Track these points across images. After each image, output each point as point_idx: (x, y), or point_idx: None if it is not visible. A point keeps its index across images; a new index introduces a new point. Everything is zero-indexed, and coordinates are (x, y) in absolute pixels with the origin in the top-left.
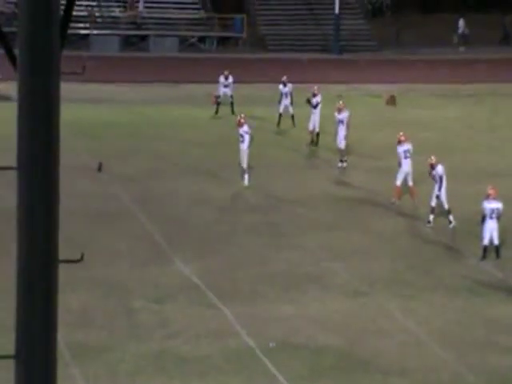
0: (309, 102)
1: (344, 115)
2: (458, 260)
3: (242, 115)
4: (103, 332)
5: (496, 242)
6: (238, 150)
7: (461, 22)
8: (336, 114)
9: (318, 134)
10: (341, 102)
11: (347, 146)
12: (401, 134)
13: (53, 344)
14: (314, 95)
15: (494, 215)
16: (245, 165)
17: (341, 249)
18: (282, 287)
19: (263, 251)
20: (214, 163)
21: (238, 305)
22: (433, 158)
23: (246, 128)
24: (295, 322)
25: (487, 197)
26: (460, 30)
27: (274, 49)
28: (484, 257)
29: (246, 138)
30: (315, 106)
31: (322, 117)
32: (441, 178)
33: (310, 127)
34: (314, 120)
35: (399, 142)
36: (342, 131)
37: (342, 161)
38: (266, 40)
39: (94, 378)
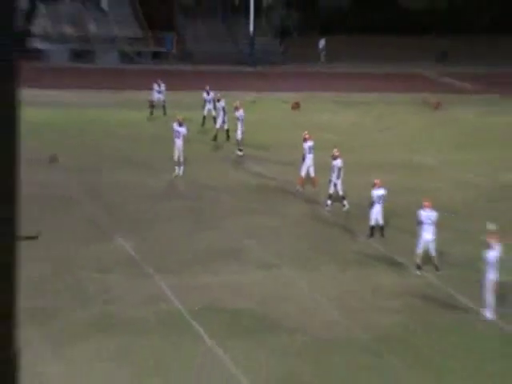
0: None
1: (240, 113)
2: (350, 238)
3: (181, 117)
4: (51, 299)
5: (381, 222)
6: (173, 146)
7: (322, 42)
8: (234, 112)
9: (227, 130)
10: (238, 102)
11: (243, 138)
12: (306, 132)
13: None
14: (218, 100)
15: (380, 201)
16: (182, 158)
17: (255, 230)
18: (205, 261)
19: (189, 231)
20: (149, 157)
21: (168, 275)
22: (336, 150)
23: (183, 128)
24: (217, 290)
25: (374, 186)
26: (320, 48)
27: (199, 62)
28: (371, 235)
29: (182, 135)
30: (224, 110)
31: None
32: (339, 170)
33: (218, 125)
34: (223, 119)
35: (304, 140)
36: (239, 126)
37: (240, 150)
38: (192, 54)
39: (41, 340)
